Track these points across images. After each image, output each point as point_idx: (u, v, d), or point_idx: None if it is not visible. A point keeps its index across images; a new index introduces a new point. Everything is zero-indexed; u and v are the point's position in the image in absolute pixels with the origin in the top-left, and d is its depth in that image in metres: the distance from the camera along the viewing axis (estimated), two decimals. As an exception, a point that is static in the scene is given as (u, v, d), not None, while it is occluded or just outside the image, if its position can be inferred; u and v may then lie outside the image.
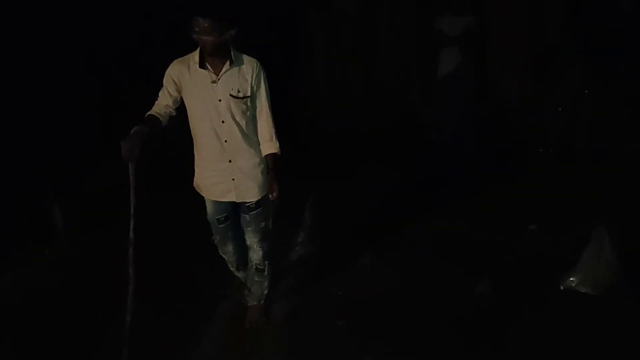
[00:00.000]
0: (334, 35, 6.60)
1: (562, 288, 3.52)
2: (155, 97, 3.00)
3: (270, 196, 3.08)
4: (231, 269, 3.45)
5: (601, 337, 3.10)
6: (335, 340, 3.23)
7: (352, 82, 6.66)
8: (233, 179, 3.03)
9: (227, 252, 3.31)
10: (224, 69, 2.90)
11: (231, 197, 3.08)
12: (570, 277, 3.50)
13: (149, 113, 2.93)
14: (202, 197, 3.18)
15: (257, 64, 2.98)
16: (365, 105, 6.54)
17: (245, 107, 2.96)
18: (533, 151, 5.77)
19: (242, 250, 3.33)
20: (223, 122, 2.94)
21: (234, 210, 3.19)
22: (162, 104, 2.95)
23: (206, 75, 2.90)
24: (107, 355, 3.11)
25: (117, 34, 4.89)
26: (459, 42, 5.62)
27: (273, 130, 3.04)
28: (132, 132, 2.78)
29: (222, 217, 3.15)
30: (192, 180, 3.17)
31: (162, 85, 2.99)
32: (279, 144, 3.06)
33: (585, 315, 3.30)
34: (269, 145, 3.05)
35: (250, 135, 3.03)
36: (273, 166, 3.05)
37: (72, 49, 4.64)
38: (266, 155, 3.06)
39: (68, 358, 3.16)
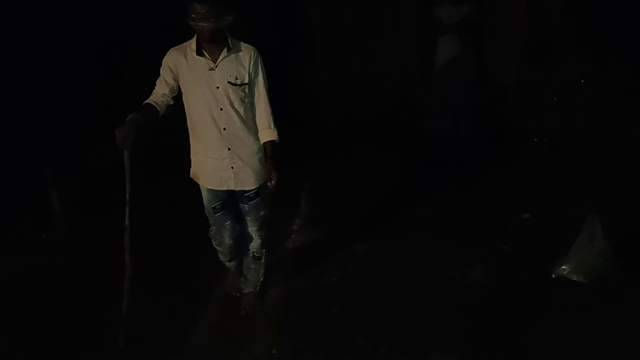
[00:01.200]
0: (333, 22, 6.59)
1: (554, 276, 3.55)
2: (154, 82, 3.00)
3: (269, 184, 3.08)
4: (222, 259, 3.41)
5: (593, 324, 3.13)
6: (330, 325, 3.26)
7: (351, 69, 6.67)
8: (232, 167, 3.03)
9: (223, 243, 3.27)
10: (221, 56, 2.90)
11: (230, 186, 3.08)
12: (562, 265, 3.52)
13: (145, 101, 2.92)
14: (198, 186, 3.16)
15: (254, 51, 2.97)
16: (364, 92, 6.55)
17: (243, 94, 2.96)
18: (529, 139, 5.79)
19: (238, 241, 3.30)
20: (221, 109, 2.94)
21: (231, 198, 3.18)
22: (160, 93, 2.94)
23: (203, 62, 2.90)
24: (105, 338, 3.15)
25: (117, 19, 4.86)
26: (457, 31, 5.61)
27: (271, 118, 3.04)
28: (127, 119, 2.79)
29: (218, 205, 3.13)
30: (188, 168, 3.15)
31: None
32: (277, 131, 3.06)
33: (577, 303, 3.33)
34: (268, 132, 3.04)
35: (249, 122, 3.02)
36: (272, 154, 3.05)
37: (71, 35, 4.61)
38: (264, 143, 3.05)
39: (66, 341, 3.20)
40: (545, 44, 5.90)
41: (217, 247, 3.32)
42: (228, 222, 3.21)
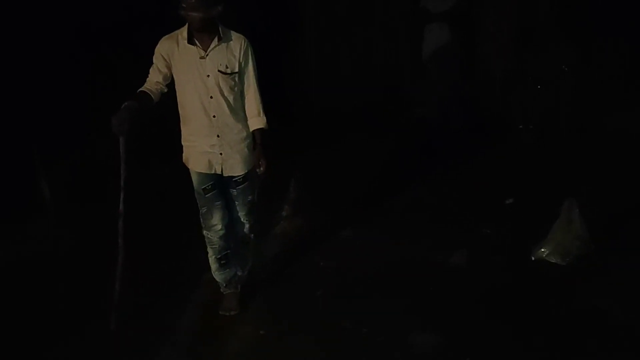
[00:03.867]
0: (323, 11, 6.63)
1: (533, 258, 3.66)
2: (145, 69, 3.04)
3: (257, 170, 3.14)
4: (213, 257, 3.30)
5: (568, 303, 3.26)
6: (315, 307, 3.36)
7: (341, 58, 6.72)
8: (221, 154, 3.08)
9: (213, 228, 3.21)
10: (212, 45, 2.95)
11: (218, 170, 3.12)
12: (541, 248, 3.65)
13: (140, 89, 2.98)
14: (190, 174, 3.19)
15: (245, 40, 3.02)
16: (354, 81, 6.61)
17: (233, 82, 3.01)
18: (514, 127, 5.89)
19: (228, 231, 3.27)
20: (211, 97, 2.99)
21: (220, 182, 3.21)
22: (153, 81, 3.00)
23: (195, 51, 2.95)
24: (97, 321, 3.22)
25: (108, 6, 4.89)
26: (444, 20, 5.68)
27: (260, 106, 3.09)
28: (122, 107, 2.85)
29: (208, 186, 3.15)
30: (181, 156, 3.19)
31: (151, 59, 3.01)
32: (267, 119, 3.11)
33: (554, 283, 3.46)
34: (257, 120, 3.10)
35: (238, 110, 3.07)
36: (261, 141, 3.10)
37: (61, 22, 4.63)
38: (254, 130, 3.11)
39: (58, 324, 3.26)
40: (531, 33, 5.99)
41: (207, 235, 3.27)
42: (219, 202, 3.19)
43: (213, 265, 3.34)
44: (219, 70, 2.96)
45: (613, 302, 3.20)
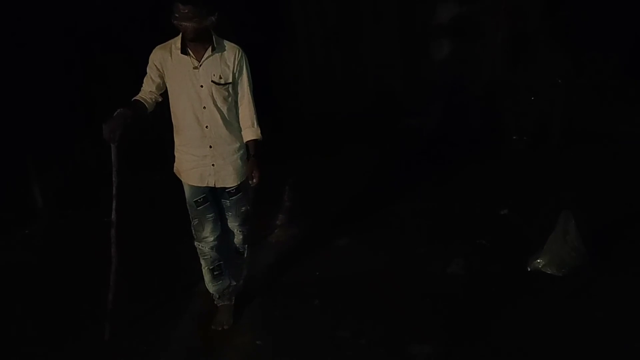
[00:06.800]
0: (315, 18, 6.65)
1: (529, 269, 3.66)
2: (138, 75, 3.02)
3: (250, 182, 3.10)
4: (204, 266, 3.29)
5: (564, 314, 3.26)
6: (312, 317, 3.34)
7: (333, 65, 6.73)
8: (213, 165, 3.05)
9: (204, 238, 3.19)
10: (205, 55, 2.93)
11: (210, 183, 3.09)
12: (537, 259, 3.65)
13: (134, 98, 2.96)
14: (181, 181, 3.17)
15: (239, 50, 3.00)
16: (346, 89, 6.62)
17: (226, 93, 2.99)
18: (508, 138, 5.92)
19: (220, 242, 3.25)
20: (204, 108, 2.96)
21: (213, 193, 3.18)
22: (147, 90, 2.98)
23: (188, 61, 2.92)
24: (90, 331, 3.19)
25: (100, 12, 4.87)
26: (443, 32, 5.71)
27: (255, 117, 3.07)
28: (115, 114, 2.82)
29: (200, 199, 3.13)
30: (172, 164, 3.16)
31: (144, 66, 2.99)
32: (261, 130, 3.09)
33: (550, 295, 3.45)
34: (251, 131, 3.07)
35: (232, 121, 3.05)
36: (254, 152, 3.08)
37: (53, 28, 4.60)
38: (247, 142, 3.08)
39: (51, 334, 3.23)
40: (524, 44, 6.03)
41: (198, 247, 3.25)
42: (211, 215, 3.18)
43: (206, 276, 3.33)
44: (212, 81, 2.94)
45: (609, 314, 3.20)
